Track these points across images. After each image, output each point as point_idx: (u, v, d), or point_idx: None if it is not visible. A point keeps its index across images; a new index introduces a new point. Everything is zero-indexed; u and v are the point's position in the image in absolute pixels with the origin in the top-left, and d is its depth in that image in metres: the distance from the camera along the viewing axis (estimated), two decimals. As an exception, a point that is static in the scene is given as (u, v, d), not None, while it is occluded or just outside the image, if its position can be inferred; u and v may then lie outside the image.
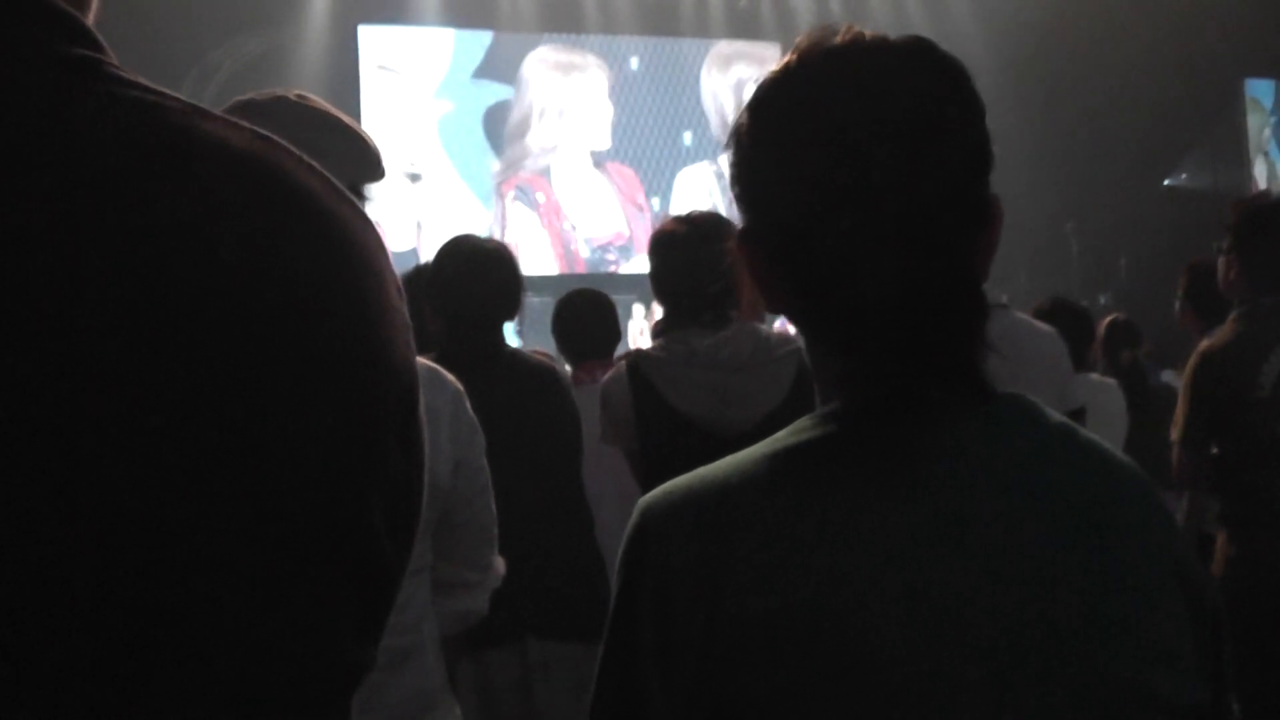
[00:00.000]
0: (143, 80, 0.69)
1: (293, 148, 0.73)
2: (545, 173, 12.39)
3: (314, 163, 0.73)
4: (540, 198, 12.35)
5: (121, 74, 0.68)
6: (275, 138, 0.72)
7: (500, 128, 12.27)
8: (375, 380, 0.71)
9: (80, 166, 0.62)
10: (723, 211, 3.20)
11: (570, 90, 12.57)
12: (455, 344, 2.88)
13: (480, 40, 12.32)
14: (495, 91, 12.32)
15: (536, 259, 12.19)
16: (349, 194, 0.75)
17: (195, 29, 10.01)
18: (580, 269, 12.16)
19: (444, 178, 11.88)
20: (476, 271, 2.96)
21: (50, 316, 0.59)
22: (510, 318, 3.12)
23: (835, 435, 0.95)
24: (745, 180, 0.99)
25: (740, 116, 0.99)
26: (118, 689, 0.60)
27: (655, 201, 12.67)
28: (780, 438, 0.97)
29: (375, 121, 11.53)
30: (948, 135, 0.92)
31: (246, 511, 0.64)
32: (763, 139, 0.97)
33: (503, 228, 12.00)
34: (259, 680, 0.65)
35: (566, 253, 12.37)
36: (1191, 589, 0.94)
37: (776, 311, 1.02)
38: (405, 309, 0.76)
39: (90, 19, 0.72)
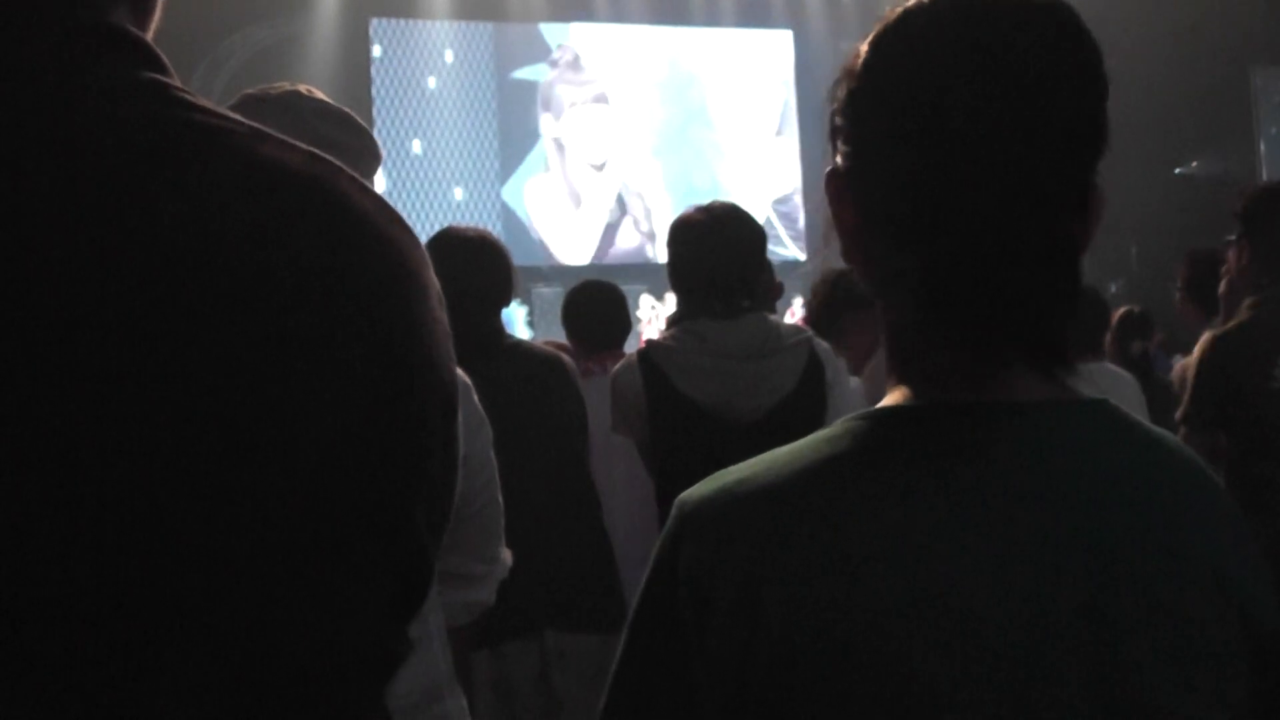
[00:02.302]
0: (207, 103, 0.71)
1: (346, 168, 0.75)
2: (575, 161, 12.39)
3: (367, 184, 0.76)
4: (563, 187, 12.36)
5: (187, 97, 0.70)
6: (330, 159, 0.74)
7: (508, 120, 12.27)
8: (422, 389, 0.73)
9: (146, 189, 0.64)
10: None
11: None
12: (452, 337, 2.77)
13: (489, 32, 12.31)
14: (504, 84, 12.32)
15: (554, 250, 12.20)
16: (397, 213, 0.77)
17: (207, 19, 10.01)
18: (600, 259, 12.17)
19: (451, 170, 11.88)
20: (461, 262, 2.93)
21: (128, 332, 0.61)
22: (505, 304, 3.11)
23: (885, 441, 0.91)
24: (851, 115, 0.95)
25: (859, 50, 0.95)
26: (139, 672, 0.61)
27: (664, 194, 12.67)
28: (828, 438, 0.92)
29: (385, 112, 11.56)
30: (1065, 106, 0.88)
31: (276, 505, 0.64)
32: (878, 74, 0.93)
33: (507, 218, 12.00)
34: (292, 669, 0.66)
35: (586, 243, 12.38)
36: (1250, 618, 0.91)
37: (852, 262, 0.97)
38: (446, 320, 0.78)
39: (150, 33, 0.75)
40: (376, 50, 11.84)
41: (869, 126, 0.94)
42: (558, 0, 12.45)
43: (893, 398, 0.95)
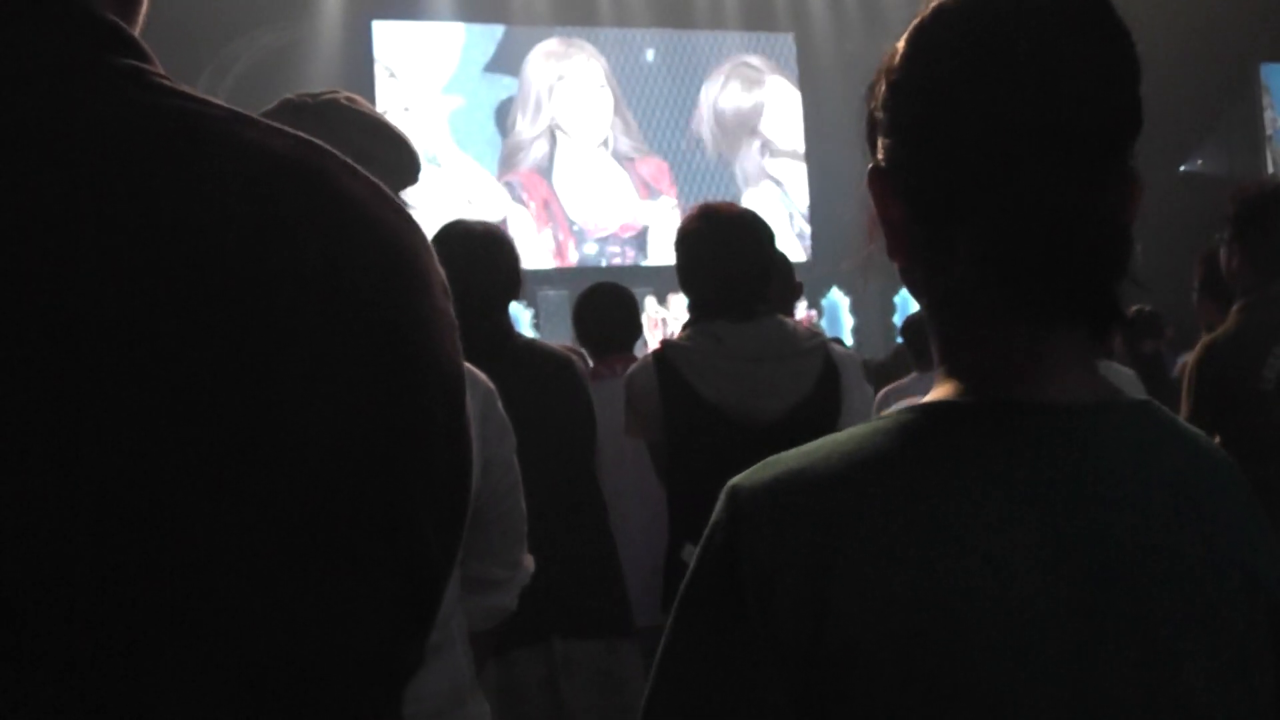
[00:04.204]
0: (187, 89, 0.69)
1: (337, 153, 0.73)
2: (547, 166, 12.39)
3: (359, 168, 0.73)
4: (542, 191, 12.35)
5: (165, 83, 0.68)
6: (319, 143, 0.72)
7: (511, 121, 12.29)
8: (419, 381, 0.70)
9: (124, 175, 0.63)
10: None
11: (567, 81, 12.59)
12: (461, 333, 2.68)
13: (493, 34, 12.32)
14: (507, 86, 12.33)
15: (545, 253, 12.20)
16: (394, 198, 0.74)
17: (211, 24, 10.03)
18: (587, 263, 12.17)
19: (456, 171, 11.89)
20: (468, 256, 2.87)
21: (96, 323, 0.60)
22: (513, 297, 3.06)
23: (939, 437, 0.92)
24: (894, 107, 0.96)
25: (896, 47, 0.97)
26: (138, 674, 0.60)
27: (674, 193, 12.68)
28: (882, 430, 0.93)
29: (388, 115, 11.57)
30: (1103, 89, 0.91)
31: (277, 506, 0.63)
32: (920, 64, 0.94)
33: (503, 220, 12.00)
34: (295, 673, 0.65)
35: (570, 246, 12.37)
36: (1277, 615, 0.92)
37: (898, 257, 0.98)
38: (451, 310, 0.75)
39: (137, 29, 0.73)
40: (379, 52, 11.85)
41: (911, 119, 0.95)
42: (561, 3, 12.46)
43: (941, 391, 0.95)
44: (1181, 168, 12.69)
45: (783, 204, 13.03)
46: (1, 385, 0.58)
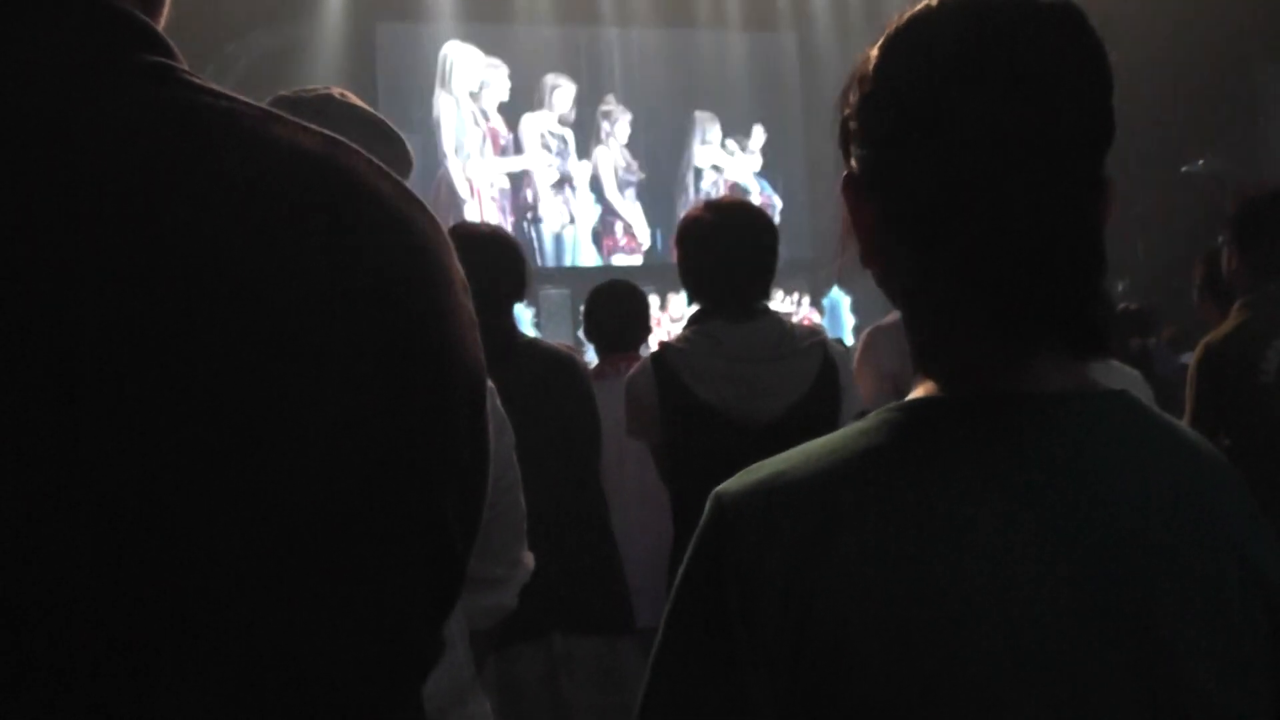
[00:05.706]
0: (215, 86, 0.70)
1: (364, 152, 0.73)
2: (551, 168, 12.38)
3: (386, 167, 0.74)
4: (545, 192, 12.35)
5: (194, 80, 0.69)
6: (348, 142, 0.73)
7: (513, 123, 12.28)
8: (445, 375, 0.71)
9: (132, 173, 0.63)
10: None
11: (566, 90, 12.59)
12: None
13: (495, 34, 12.30)
14: (510, 87, 12.31)
15: (547, 255, 12.19)
16: (417, 196, 0.75)
17: (212, 23, 10.00)
18: (589, 263, 12.16)
19: (457, 173, 11.87)
20: (472, 256, 2.80)
21: (142, 316, 0.61)
22: (518, 298, 3.06)
23: (922, 432, 0.91)
24: (865, 119, 0.95)
25: (868, 54, 0.96)
26: (147, 677, 0.60)
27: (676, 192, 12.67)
28: (864, 430, 0.93)
29: (390, 117, 11.56)
30: (1077, 98, 0.90)
31: (282, 505, 0.63)
32: (890, 78, 0.94)
33: (505, 220, 11.99)
34: (306, 672, 0.65)
35: (572, 248, 12.37)
36: (1275, 604, 0.92)
37: (872, 265, 0.98)
38: (472, 307, 0.77)
39: (161, 24, 0.73)
40: (381, 53, 11.83)
41: (886, 129, 0.94)
42: (564, 4, 12.44)
43: (920, 391, 0.95)
44: (1182, 168, 12.67)
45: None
46: (5, 386, 0.58)
